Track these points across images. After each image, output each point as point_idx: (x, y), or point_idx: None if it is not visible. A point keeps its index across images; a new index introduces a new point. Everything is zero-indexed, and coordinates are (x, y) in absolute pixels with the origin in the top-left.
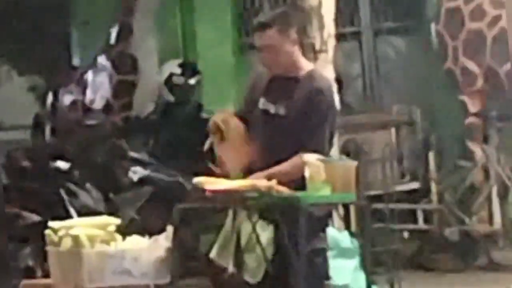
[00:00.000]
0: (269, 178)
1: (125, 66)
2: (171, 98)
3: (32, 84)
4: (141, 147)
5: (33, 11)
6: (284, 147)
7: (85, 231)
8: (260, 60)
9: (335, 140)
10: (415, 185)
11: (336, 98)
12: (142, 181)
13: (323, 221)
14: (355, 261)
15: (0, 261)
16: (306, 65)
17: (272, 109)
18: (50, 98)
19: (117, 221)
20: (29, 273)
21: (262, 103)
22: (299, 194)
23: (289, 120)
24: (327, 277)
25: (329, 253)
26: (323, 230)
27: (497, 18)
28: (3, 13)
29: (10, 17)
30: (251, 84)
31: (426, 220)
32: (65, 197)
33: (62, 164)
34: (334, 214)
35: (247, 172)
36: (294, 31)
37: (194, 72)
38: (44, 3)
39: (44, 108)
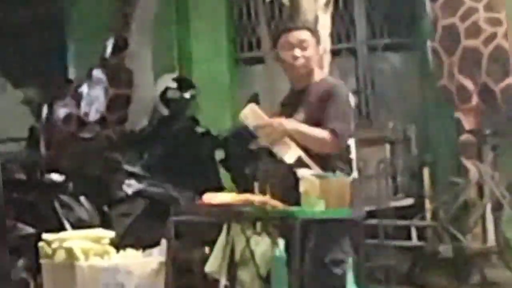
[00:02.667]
0: (293, 130)
1: (120, 80)
2: (166, 112)
3: (27, 97)
4: (136, 161)
5: (29, 24)
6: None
7: (79, 244)
8: (286, 58)
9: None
10: (409, 201)
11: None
12: (137, 194)
13: (341, 232)
14: (349, 277)
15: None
16: (319, 74)
17: (296, 118)
18: (45, 111)
19: (111, 234)
20: (23, 285)
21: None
22: (294, 209)
23: (309, 123)
24: None
25: None
26: (343, 241)
27: (493, 36)
28: None
29: (6, 29)
30: (282, 102)
31: (419, 237)
32: (59, 209)
33: (57, 177)
34: None
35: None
36: (317, 43)
37: (189, 86)
38: (40, 16)
39: (39, 121)
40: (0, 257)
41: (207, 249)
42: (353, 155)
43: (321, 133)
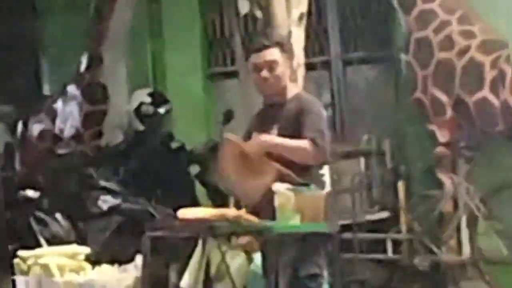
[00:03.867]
0: (273, 144)
1: (95, 95)
2: (141, 127)
3: (2, 113)
4: (111, 176)
5: (3, 41)
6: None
7: (55, 260)
8: (256, 80)
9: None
10: (384, 214)
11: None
12: (112, 210)
13: (316, 246)
14: None
15: None
16: (293, 89)
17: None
18: (20, 127)
19: (86, 250)
20: None
21: (255, 132)
22: (268, 223)
23: (284, 136)
24: None
25: None
26: (317, 255)
27: (466, 48)
28: None
29: None
30: (252, 119)
31: (395, 250)
32: (34, 226)
33: (32, 193)
34: None
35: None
36: (289, 58)
37: (164, 101)
38: (15, 32)
39: (14, 137)
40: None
41: (182, 265)
42: (325, 168)
43: (301, 143)
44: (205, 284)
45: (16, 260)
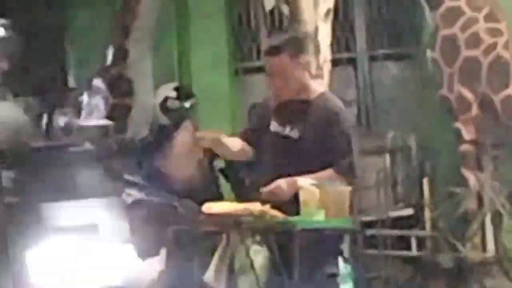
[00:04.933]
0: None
1: (121, 89)
2: (166, 121)
3: (27, 105)
4: (136, 170)
5: (29, 32)
6: (297, 168)
7: None
8: (270, 85)
9: None
10: (408, 211)
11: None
12: (136, 203)
13: (333, 245)
14: (348, 287)
15: None
16: (316, 87)
17: (284, 131)
18: (45, 119)
19: None
20: None
21: (273, 126)
22: (293, 218)
23: (304, 143)
24: None
25: None
26: (334, 255)
27: (493, 46)
28: None
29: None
30: (259, 108)
31: (419, 247)
32: None
33: None
34: None
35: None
36: (305, 55)
37: (189, 95)
38: (41, 24)
39: (39, 130)
40: None
41: (206, 259)
42: None
43: (328, 175)
44: (228, 279)
45: None
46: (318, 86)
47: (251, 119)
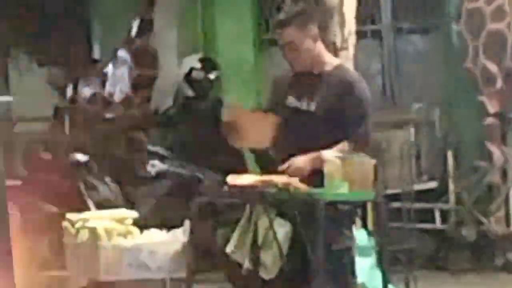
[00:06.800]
0: (314, 162)
1: (145, 60)
2: (190, 93)
3: (52, 76)
4: (160, 141)
5: (54, 3)
6: (316, 142)
7: (102, 224)
8: (283, 56)
9: None
10: (433, 184)
11: (367, 89)
12: (160, 175)
13: (348, 219)
14: (371, 259)
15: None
16: (331, 60)
17: (301, 105)
18: (70, 90)
19: (134, 214)
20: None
21: (290, 100)
22: (317, 191)
23: (321, 116)
24: (354, 275)
25: None
26: (349, 228)
27: None
28: (25, 5)
29: (31, 9)
30: (276, 83)
31: (443, 220)
32: (83, 189)
33: (81, 157)
34: None
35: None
36: (314, 27)
37: (214, 67)
38: None
39: (64, 100)
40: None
41: (230, 231)
42: None
43: (342, 148)
44: (251, 251)
45: (64, 223)
46: (333, 58)
47: (270, 93)
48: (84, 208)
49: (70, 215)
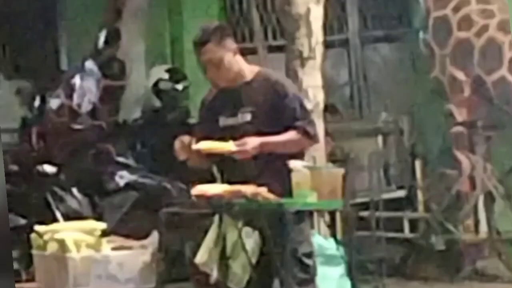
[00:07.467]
0: (264, 145)
1: (113, 71)
2: (158, 104)
3: (20, 88)
4: (128, 152)
5: (21, 15)
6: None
7: (71, 236)
8: (206, 76)
9: (322, 146)
10: (401, 193)
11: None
12: (129, 185)
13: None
14: (340, 269)
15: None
16: (251, 69)
17: (236, 120)
18: (37, 102)
19: (103, 225)
20: (15, 276)
21: (222, 122)
22: (286, 200)
23: (260, 122)
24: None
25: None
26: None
27: (485, 28)
28: None
29: None
30: (204, 104)
31: (412, 229)
32: (51, 201)
33: (49, 168)
34: (320, 221)
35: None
36: (232, 41)
37: (182, 77)
38: (33, 7)
39: (31, 112)
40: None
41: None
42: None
43: (291, 136)
44: (220, 262)
45: (32, 235)
46: (252, 67)
47: (201, 116)
48: (52, 220)
49: (38, 227)
